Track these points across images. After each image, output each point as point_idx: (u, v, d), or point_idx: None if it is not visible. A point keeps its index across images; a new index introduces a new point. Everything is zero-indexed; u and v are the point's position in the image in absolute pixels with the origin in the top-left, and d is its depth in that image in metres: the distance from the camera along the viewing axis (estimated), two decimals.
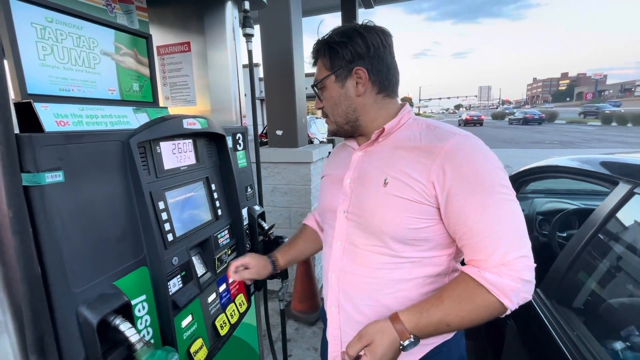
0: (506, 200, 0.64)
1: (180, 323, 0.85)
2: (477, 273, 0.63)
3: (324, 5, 5.20)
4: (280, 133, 2.66)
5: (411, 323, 0.64)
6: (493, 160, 0.67)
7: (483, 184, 0.64)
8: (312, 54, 0.83)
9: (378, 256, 0.74)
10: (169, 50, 1.29)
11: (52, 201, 0.56)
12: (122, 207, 0.72)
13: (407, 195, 0.69)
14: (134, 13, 1.07)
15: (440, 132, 0.72)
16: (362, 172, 0.79)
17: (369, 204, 0.74)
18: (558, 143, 13.58)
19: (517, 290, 0.61)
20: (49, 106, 0.74)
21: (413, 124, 0.78)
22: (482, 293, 0.62)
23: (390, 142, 0.77)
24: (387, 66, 0.77)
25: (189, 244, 0.91)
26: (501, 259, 0.61)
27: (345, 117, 0.81)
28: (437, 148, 0.68)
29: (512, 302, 0.62)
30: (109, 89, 0.95)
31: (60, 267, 0.57)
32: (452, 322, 0.64)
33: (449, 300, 0.64)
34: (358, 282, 0.77)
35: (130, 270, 0.72)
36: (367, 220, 0.74)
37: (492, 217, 0.63)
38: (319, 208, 0.93)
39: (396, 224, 0.70)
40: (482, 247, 0.63)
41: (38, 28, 0.76)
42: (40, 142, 0.55)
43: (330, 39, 0.78)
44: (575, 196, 2.05)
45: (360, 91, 0.77)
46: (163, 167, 0.87)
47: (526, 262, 0.62)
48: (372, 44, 0.75)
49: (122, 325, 0.62)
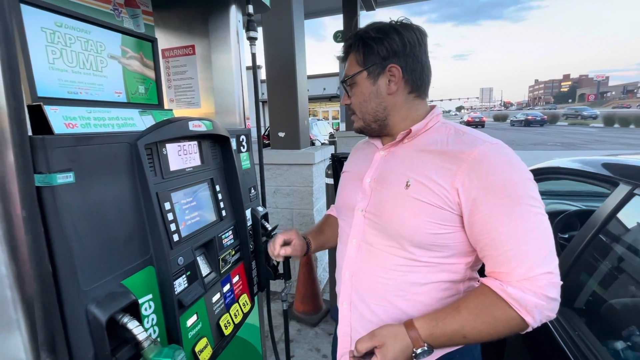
0: (535, 213, 0.61)
1: (186, 322, 0.86)
2: (498, 286, 0.61)
3: (325, 8, 5.24)
4: (282, 135, 2.68)
5: (426, 331, 0.63)
6: (523, 170, 0.64)
7: (511, 194, 0.61)
8: (344, 48, 0.80)
9: (393, 257, 0.72)
10: (173, 53, 1.31)
11: (63, 201, 0.57)
12: (129, 207, 0.73)
13: (428, 199, 0.67)
14: (140, 17, 1.09)
15: (469, 138, 0.69)
16: (384, 172, 0.77)
17: (388, 204, 0.73)
18: (560, 145, 13.55)
19: (540, 307, 0.59)
20: (58, 109, 0.76)
21: (441, 128, 0.75)
22: (502, 307, 0.60)
23: (416, 145, 0.75)
24: (422, 65, 0.75)
25: (194, 244, 0.93)
26: (525, 274, 0.59)
27: (374, 115, 0.78)
28: (464, 154, 0.66)
29: (535, 319, 0.59)
30: (115, 92, 0.97)
31: (71, 265, 0.58)
32: (469, 335, 0.61)
33: (467, 311, 0.62)
34: (371, 281, 0.76)
35: (138, 269, 0.74)
36: (385, 221, 0.73)
37: (518, 230, 0.60)
38: (337, 204, 0.92)
39: (415, 227, 0.68)
40: (505, 259, 0.61)
41: (48, 32, 0.78)
42: (52, 144, 0.56)
43: (365, 34, 0.75)
44: (577, 198, 2.05)
45: (392, 89, 0.75)
46: (169, 169, 0.88)
47: (552, 279, 0.59)
48: (409, 42, 0.72)
49: (130, 324, 0.63)
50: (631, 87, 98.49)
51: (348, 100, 0.82)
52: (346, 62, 0.80)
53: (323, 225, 1.10)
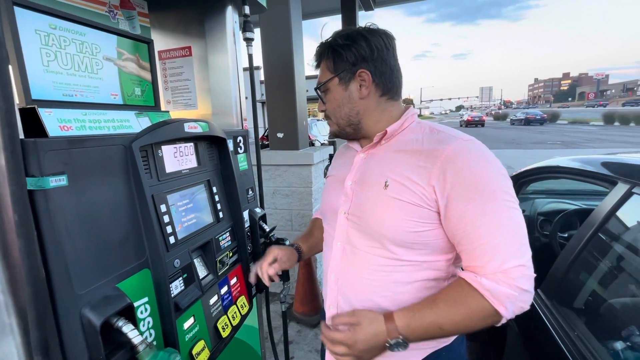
0: (507, 207, 0.63)
1: (182, 325, 0.86)
2: (472, 278, 0.63)
3: (324, 8, 5.23)
4: (281, 136, 2.67)
5: (403, 322, 0.64)
6: (496, 166, 0.66)
7: (484, 189, 0.63)
8: (315, 57, 0.83)
9: (376, 258, 0.74)
10: (170, 54, 1.31)
11: (56, 205, 0.57)
12: (124, 210, 0.73)
13: (407, 198, 0.68)
14: (136, 19, 1.08)
15: (443, 136, 0.71)
16: (364, 174, 0.79)
17: (369, 205, 0.74)
18: (560, 143, 13.54)
19: (512, 298, 0.60)
20: (52, 111, 0.75)
21: (416, 128, 0.77)
22: (476, 298, 0.62)
23: (393, 145, 0.77)
24: (391, 69, 0.77)
25: (191, 247, 0.92)
26: (499, 267, 0.61)
27: (347, 120, 0.81)
28: (438, 152, 0.67)
29: (507, 310, 0.61)
30: (111, 94, 0.97)
31: (65, 269, 0.58)
32: (445, 326, 0.63)
33: (443, 303, 0.64)
34: (356, 283, 0.77)
35: (133, 272, 0.73)
36: (367, 222, 0.74)
37: (492, 224, 0.62)
38: (321, 208, 0.94)
39: (395, 226, 0.69)
40: (479, 253, 0.63)
41: (42, 35, 0.78)
42: (44, 147, 0.56)
43: (333, 41, 0.78)
44: (577, 196, 2.04)
45: (363, 94, 0.77)
46: (165, 171, 0.88)
47: (524, 271, 0.61)
48: (376, 47, 0.75)
49: (124, 327, 0.63)
50: (631, 85, 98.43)
51: (323, 106, 0.85)
52: (319, 70, 0.83)
53: (312, 228, 1.12)
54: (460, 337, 0.81)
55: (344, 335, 0.66)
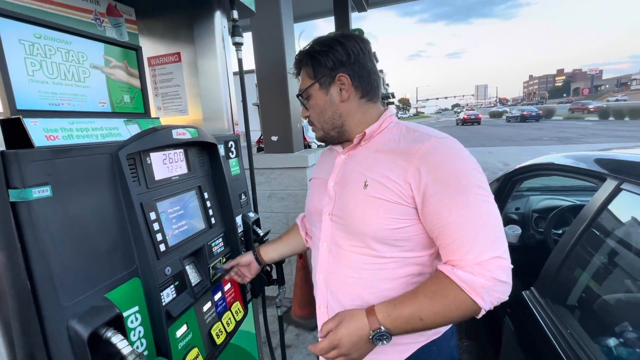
0: (481, 201, 0.65)
1: (175, 333, 0.85)
2: (449, 270, 0.64)
3: (316, 11, 5.24)
4: (275, 139, 2.67)
5: (384, 313, 0.66)
6: (469, 161, 0.68)
7: (458, 185, 0.65)
8: (294, 65, 0.85)
9: (361, 257, 0.76)
10: (159, 61, 1.31)
11: (40, 216, 0.57)
12: (112, 219, 0.72)
13: (385, 196, 0.71)
14: (123, 26, 1.08)
15: (418, 134, 0.74)
16: (345, 175, 0.81)
17: (350, 205, 0.76)
18: (556, 139, 13.61)
19: (488, 288, 0.61)
20: (38, 121, 0.75)
21: (394, 128, 0.80)
22: (454, 289, 0.63)
23: (372, 146, 0.80)
24: (368, 71, 0.80)
25: (182, 254, 0.92)
26: (475, 259, 0.62)
27: (331, 124, 0.83)
28: (413, 150, 0.70)
29: (485, 301, 0.62)
30: (99, 102, 0.96)
31: (50, 281, 0.57)
32: (425, 317, 0.64)
33: (423, 295, 0.66)
34: (343, 282, 0.79)
35: (122, 281, 0.72)
36: (349, 222, 0.76)
37: (466, 218, 0.64)
38: (307, 210, 0.96)
39: (376, 224, 0.71)
40: (456, 247, 0.65)
41: (26, 44, 0.77)
42: (26, 158, 0.55)
43: (311, 49, 0.81)
44: (571, 193, 2.05)
45: (344, 97, 0.79)
46: (154, 178, 0.87)
47: (500, 263, 0.62)
48: (352, 51, 0.77)
49: (113, 338, 0.62)
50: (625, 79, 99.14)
51: (307, 112, 0.86)
52: (299, 78, 0.85)
53: (282, 235, 1.14)
54: (450, 331, 0.82)
55: (328, 338, 0.67)
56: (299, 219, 1.11)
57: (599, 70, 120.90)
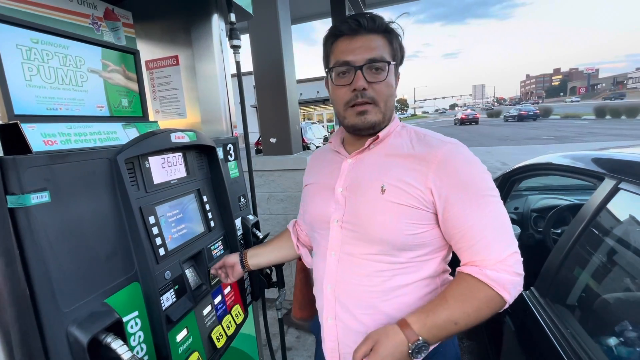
0: (496, 202, 0.69)
1: (175, 337, 0.85)
2: (477, 271, 0.66)
3: (314, 12, 5.25)
4: (274, 141, 2.67)
5: (418, 324, 0.64)
6: (480, 165, 0.72)
7: (476, 188, 0.68)
8: (376, 19, 0.73)
9: (375, 264, 0.74)
10: (157, 64, 1.30)
11: (39, 222, 0.56)
12: (111, 223, 0.72)
13: (405, 201, 0.70)
14: (121, 30, 1.08)
15: (431, 140, 0.75)
16: (355, 180, 0.78)
17: (366, 211, 0.73)
18: (554, 138, 13.65)
19: (514, 282, 0.65)
20: (36, 126, 0.74)
21: (402, 132, 0.79)
22: (483, 289, 0.65)
23: (381, 150, 0.78)
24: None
25: (182, 257, 0.91)
26: (498, 257, 0.65)
27: (391, 113, 0.79)
28: (430, 156, 0.71)
29: (510, 295, 0.65)
30: (97, 106, 0.96)
31: (49, 287, 0.57)
32: (459, 320, 0.64)
33: (453, 299, 0.66)
34: (355, 291, 0.76)
35: (122, 286, 0.72)
36: (365, 228, 0.73)
37: (488, 220, 0.67)
38: (308, 218, 0.88)
39: (396, 229, 0.70)
40: (480, 248, 0.66)
41: (24, 49, 0.77)
42: (24, 164, 0.55)
43: (392, 29, 0.75)
44: (570, 192, 2.05)
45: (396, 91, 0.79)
46: (152, 182, 0.87)
47: (517, 257, 0.66)
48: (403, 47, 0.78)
49: (113, 343, 0.62)
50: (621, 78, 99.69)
51: (365, 84, 0.71)
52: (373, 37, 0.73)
53: (271, 240, 1.08)
54: None
55: None
56: (291, 225, 1.05)
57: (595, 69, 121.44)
